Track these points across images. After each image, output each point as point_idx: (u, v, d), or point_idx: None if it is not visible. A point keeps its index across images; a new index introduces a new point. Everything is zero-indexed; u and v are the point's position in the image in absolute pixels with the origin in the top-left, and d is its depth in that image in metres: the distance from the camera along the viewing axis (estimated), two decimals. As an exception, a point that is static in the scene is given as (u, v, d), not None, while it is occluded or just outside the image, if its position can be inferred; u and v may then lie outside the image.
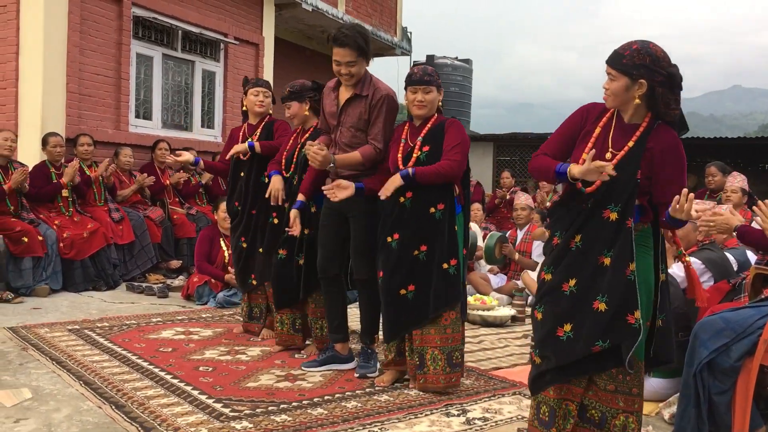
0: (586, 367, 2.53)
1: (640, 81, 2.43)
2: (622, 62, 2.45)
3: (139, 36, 7.98)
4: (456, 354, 3.52)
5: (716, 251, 3.89)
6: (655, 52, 2.44)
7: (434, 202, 3.46)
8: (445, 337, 3.49)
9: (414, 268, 3.48)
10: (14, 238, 5.77)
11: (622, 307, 2.46)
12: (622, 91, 2.47)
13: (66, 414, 3.04)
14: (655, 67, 2.42)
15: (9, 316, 4.99)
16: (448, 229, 3.46)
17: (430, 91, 3.50)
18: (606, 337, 2.45)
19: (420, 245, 3.47)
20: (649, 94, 2.46)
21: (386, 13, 13.08)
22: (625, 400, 2.54)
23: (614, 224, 2.49)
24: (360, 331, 4.02)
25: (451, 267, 3.46)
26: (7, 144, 5.97)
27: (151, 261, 6.89)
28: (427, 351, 3.48)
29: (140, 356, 4.03)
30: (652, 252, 2.58)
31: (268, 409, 3.18)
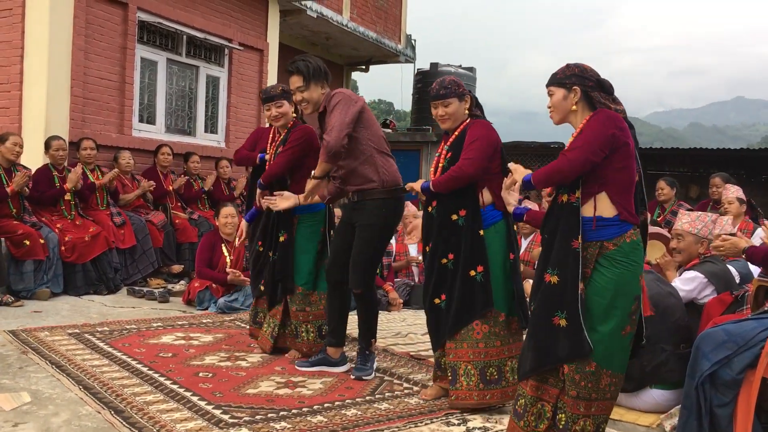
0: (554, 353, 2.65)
1: (574, 88, 2.70)
2: (557, 78, 2.76)
3: (143, 40, 7.99)
4: (491, 370, 3.34)
5: (718, 264, 3.88)
6: (583, 65, 2.76)
7: (455, 209, 3.41)
8: (477, 352, 3.34)
9: (444, 278, 3.43)
10: (16, 241, 5.77)
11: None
12: (561, 101, 2.73)
13: (65, 418, 3.03)
14: (583, 75, 2.71)
15: (9, 320, 4.99)
16: (471, 235, 3.38)
17: (450, 103, 3.46)
18: (562, 309, 2.65)
19: (447, 254, 3.42)
20: (586, 98, 2.70)
21: (391, 20, 13.12)
22: (586, 405, 2.63)
23: (563, 204, 2.74)
24: (358, 336, 4.02)
25: (478, 274, 3.35)
26: (15, 149, 5.98)
27: (153, 265, 6.89)
28: (460, 366, 3.36)
29: (140, 361, 4.02)
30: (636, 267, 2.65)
31: (267, 416, 3.17)
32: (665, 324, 3.43)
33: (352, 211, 3.91)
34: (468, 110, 3.52)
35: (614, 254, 2.61)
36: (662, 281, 3.68)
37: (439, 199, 3.45)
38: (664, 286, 3.61)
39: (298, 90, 3.86)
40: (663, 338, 3.40)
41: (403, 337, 5.11)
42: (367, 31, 11.99)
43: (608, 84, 2.73)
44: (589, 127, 2.63)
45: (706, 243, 4.00)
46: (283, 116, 4.32)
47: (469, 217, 3.39)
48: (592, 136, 2.59)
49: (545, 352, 2.66)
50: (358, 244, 3.85)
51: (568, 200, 2.68)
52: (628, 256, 2.62)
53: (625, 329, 2.63)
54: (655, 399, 3.43)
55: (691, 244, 4.02)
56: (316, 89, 3.86)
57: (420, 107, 14.66)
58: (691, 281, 3.79)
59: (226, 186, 8.27)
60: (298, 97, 3.87)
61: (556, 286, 2.64)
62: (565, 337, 2.60)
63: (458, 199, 3.40)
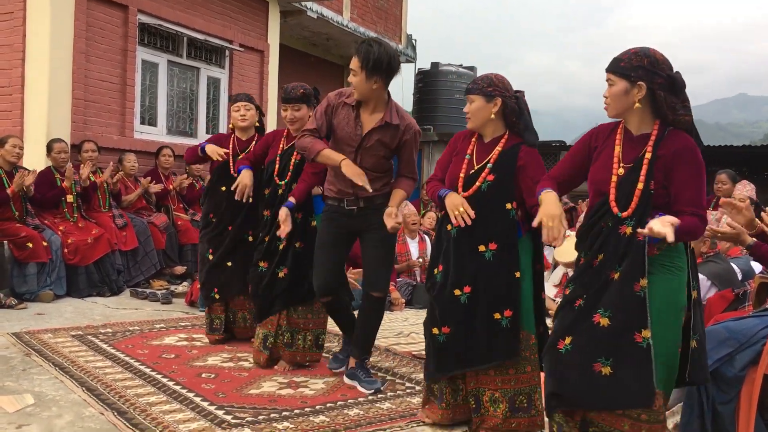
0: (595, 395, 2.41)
1: (639, 83, 2.39)
2: (620, 66, 2.42)
3: (144, 43, 8.01)
4: (521, 398, 2.99)
5: (721, 263, 3.87)
6: (654, 54, 2.41)
7: (485, 240, 2.97)
8: (506, 379, 2.99)
9: (453, 310, 3.02)
10: (19, 243, 5.79)
11: (627, 324, 2.36)
12: (621, 95, 2.43)
13: (68, 420, 3.04)
14: (654, 69, 2.38)
15: (13, 322, 5.00)
16: (503, 276, 2.96)
17: (473, 100, 3.05)
18: (609, 354, 2.37)
19: (463, 286, 2.99)
20: (651, 98, 2.41)
21: (391, 20, 13.12)
22: (632, 425, 2.41)
23: (627, 238, 2.40)
24: (353, 343, 3.80)
25: (504, 319, 2.94)
26: (15, 151, 6.00)
27: (155, 267, 6.90)
28: (484, 393, 3.01)
29: (143, 362, 4.02)
30: (683, 273, 2.44)
31: (270, 416, 3.18)
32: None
33: (353, 219, 3.62)
34: (496, 115, 3.04)
35: (660, 259, 2.40)
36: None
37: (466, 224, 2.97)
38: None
39: (352, 73, 3.44)
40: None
41: (405, 337, 5.12)
42: (368, 31, 11.99)
43: (680, 82, 2.40)
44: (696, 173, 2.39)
45: (708, 242, 4.00)
46: (298, 121, 4.03)
47: (501, 253, 2.96)
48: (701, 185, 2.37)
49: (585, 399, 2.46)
50: (379, 247, 3.64)
51: (633, 236, 2.38)
52: (674, 261, 2.42)
53: (679, 343, 2.44)
54: (658, 397, 3.43)
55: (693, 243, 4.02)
56: (369, 81, 3.41)
57: (421, 107, 14.67)
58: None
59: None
60: (350, 79, 3.47)
61: (606, 329, 2.39)
62: (609, 386, 2.38)
63: (491, 229, 2.97)
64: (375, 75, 3.40)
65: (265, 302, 4.04)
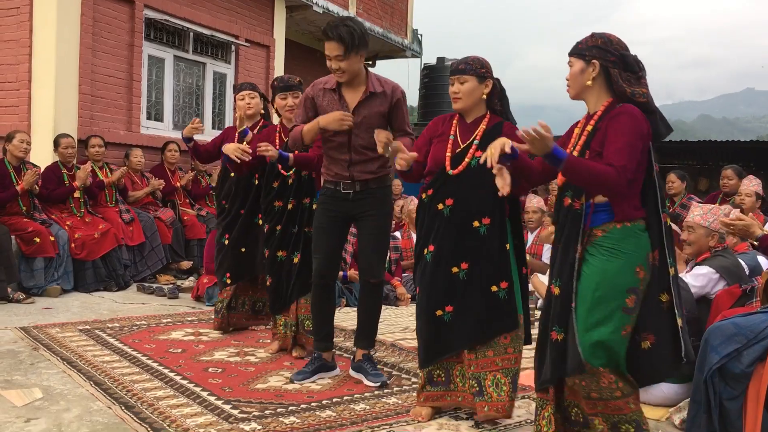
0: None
1: (593, 61, 2.53)
2: (578, 47, 2.58)
3: (150, 38, 8.02)
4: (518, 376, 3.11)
5: (729, 257, 3.85)
6: (608, 36, 2.56)
7: (479, 216, 3.04)
8: (506, 358, 3.05)
9: (453, 288, 3.07)
10: (26, 238, 5.81)
11: (568, 294, 2.53)
12: (578, 75, 2.57)
13: (76, 414, 3.06)
14: (606, 48, 2.51)
15: (20, 316, 5.03)
16: (496, 249, 3.04)
17: (465, 81, 3.08)
18: (560, 323, 2.56)
19: (460, 262, 3.06)
20: (606, 75, 2.53)
21: (397, 15, 13.10)
22: (589, 404, 2.57)
23: (566, 209, 2.59)
24: (357, 335, 3.81)
25: (501, 290, 3.03)
26: (23, 146, 6.02)
27: (162, 262, 6.93)
28: (486, 376, 3.04)
29: (150, 357, 4.04)
30: (629, 257, 2.47)
31: (276, 410, 3.19)
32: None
33: (350, 203, 3.63)
34: (486, 97, 3.13)
35: (602, 241, 2.48)
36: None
37: (457, 199, 3.06)
38: (674, 279, 3.60)
39: (336, 58, 3.43)
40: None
41: (411, 332, 5.12)
42: (374, 26, 11.97)
43: (633, 60, 2.50)
44: (621, 131, 2.44)
45: (717, 236, 3.99)
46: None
47: (494, 228, 3.03)
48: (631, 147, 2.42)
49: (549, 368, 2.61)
50: (374, 233, 3.67)
51: (572, 205, 2.57)
52: (619, 244, 2.46)
53: (626, 329, 2.48)
54: (664, 392, 3.43)
55: (701, 236, 4.00)
56: (355, 59, 3.47)
57: (427, 102, 14.65)
58: (702, 277, 3.77)
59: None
60: (334, 66, 3.45)
61: (558, 297, 2.58)
62: (559, 351, 2.56)
63: (484, 205, 3.03)
64: (360, 50, 3.48)
65: (286, 291, 4.17)
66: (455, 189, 3.07)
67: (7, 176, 5.93)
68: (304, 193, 4.18)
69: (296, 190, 4.14)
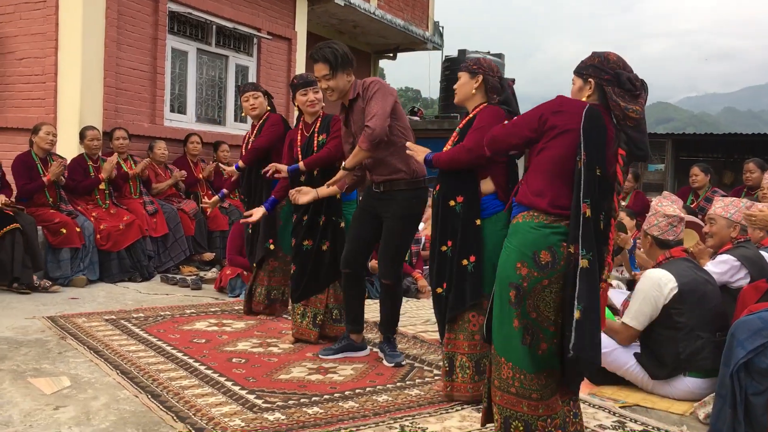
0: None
1: (589, 80, 2.59)
2: (578, 66, 2.67)
3: (174, 31, 8.07)
4: (485, 362, 3.11)
5: (751, 248, 3.82)
6: (607, 55, 2.62)
7: (453, 195, 3.29)
8: (473, 344, 3.27)
9: (443, 266, 3.32)
10: (53, 229, 5.90)
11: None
12: (577, 92, 2.65)
13: (104, 402, 3.11)
14: (602, 66, 2.57)
15: (48, 306, 5.11)
16: (466, 224, 3.26)
17: (459, 77, 3.40)
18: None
19: (446, 241, 3.30)
20: (601, 93, 2.57)
21: (418, 7, 13.05)
22: (492, 390, 2.62)
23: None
24: (379, 323, 4.07)
25: (470, 264, 3.23)
26: (49, 138, 6.10)
27: (185, 253, 6.99)
28: (457, 357, 3.29)
29: (175, 347, 4.09)
30: (509, 250, 2.55)
31: (300, 401, 3.22)
32: (701, 311, 3.39)
33: (376, 201, 3.90)
34: (477, 90, 3.34)
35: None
36: (699, 268, 3.64)
37: (440, 183, 3.34)
38: (701, 273, 3.57)
39: (324, 78, 3.78)
40: (699, 325, 3.38)
41: (433, 324, 5.11)
42: (395, 18, 11.95)
43: (627, 78, 2.52)
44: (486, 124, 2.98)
45: (738, 228, 3.95)
46: (319, 102, 4.37)
47: (466, 205, 3.26)
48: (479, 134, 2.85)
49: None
50: (387, 236, 3.88)
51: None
52: (509, 238, 2.59)
53: (513, 322, 2.49)
54: (689, 387, 3.41)
55: (723, 228, 3.98)
56: (342, 77, 3.79)
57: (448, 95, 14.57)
58: (724, 264, 3.74)
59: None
60: (324, 85, 3.81)
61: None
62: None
63: (456, 184, 3.29)
64: (346, 69, 3.80)
65: (312, 279, 4.28)
66: (441, 174, 3.39)
67: (34, 168, 6.02)
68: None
69: (321, 183, 4.17)
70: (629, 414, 3.23)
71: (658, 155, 13.64)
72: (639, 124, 2.50)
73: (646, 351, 3.52)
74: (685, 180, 9.87)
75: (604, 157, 2.48)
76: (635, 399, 3.44)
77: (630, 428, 3.04)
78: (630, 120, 2.49)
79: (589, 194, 2.41)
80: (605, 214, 2.49)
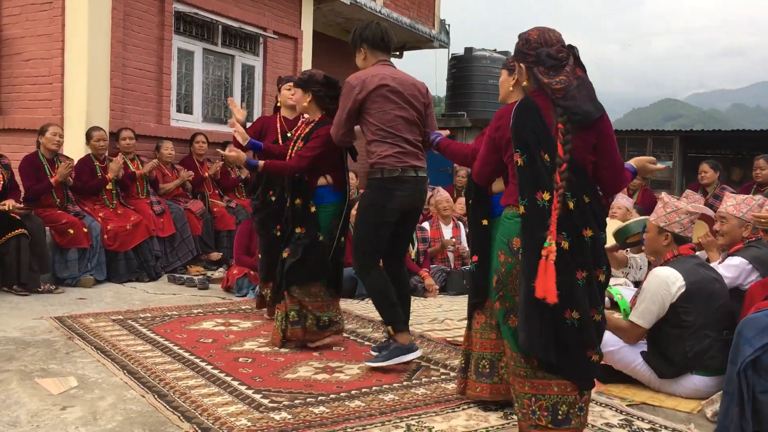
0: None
1: (520, 65, 2.63)
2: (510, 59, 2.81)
3: (180, 31, 8.08)
4: (483, 362, 3.21)
5: (763, 248, 3.79)
6: (528, 36, 2.61)
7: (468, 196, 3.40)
8: (475, 342, 3.27)
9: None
10: (60, 230, 5.93)
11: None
12: (501, 85, 2.89)
13: (110, 402, 3.12)
14: (525, 49, 2.59)
15: (55, 306, 5.13)
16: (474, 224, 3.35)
17: (501, 74, 3.22)
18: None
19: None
20: (532, 75, 2.57)
21: (424, 5, 13.03)
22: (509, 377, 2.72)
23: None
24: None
25: (472, 264, 3.33)
26: (56, 139, 6.13)
27: (192, 253, 7.01)
28: (472, 355, 3.28)
29: (182, 347, 4.10)
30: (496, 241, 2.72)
31: (306, 400, 3.22)
32: (709, 309, 3.37)
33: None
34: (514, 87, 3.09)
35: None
36: (706, 266, 3.61)
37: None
38: (708, 271, 3.55)
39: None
40: (706, 324, 3.36)
41: (440, 323, 5.12)
42: (401, 17, 11.93)
43: (547, 55, 2.51)
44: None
45: (750, 227, 3.93)
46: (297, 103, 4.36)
47: (475, 206, 3.30)
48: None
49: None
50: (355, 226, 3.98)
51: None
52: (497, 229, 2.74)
53: (496, 305, 2.68)
54: (696, 385, 3.39)
55: (734, 227, 3.95)
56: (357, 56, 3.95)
57: (454, 93, 14.57)
58: (735, 268, 3.72)
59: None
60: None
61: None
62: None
63: (469, 187, 3.35)
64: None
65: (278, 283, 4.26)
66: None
67: (42, 169, 6.04)
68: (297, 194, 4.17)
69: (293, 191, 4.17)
70: (636, 412, 3.21)
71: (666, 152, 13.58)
72: (567, 92, 2.49)
73: (653, 349, 3.50)
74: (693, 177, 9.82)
75: (551, 142, 2.48)
76: (642, 397, 3.42)
77: (637, 426, 3.02)
78: (557, 92, 2.49)
79: (536, 186, 2.47)
80: (572, 195, 2.46)
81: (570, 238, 2.44)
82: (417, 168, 3.82)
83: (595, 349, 2.53)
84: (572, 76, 2.50)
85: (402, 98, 3.78)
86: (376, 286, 3.86)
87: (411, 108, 3.82)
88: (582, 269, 2.47)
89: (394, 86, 3.77)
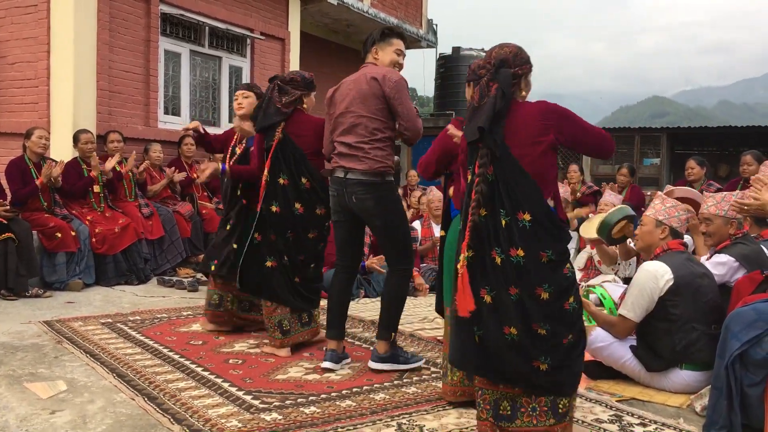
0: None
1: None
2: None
3: (166, 33, 8.05)
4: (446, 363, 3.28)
5: (750, 244, 3.81)
6: (477, 62, 2.75)
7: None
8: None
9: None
10: (48, 233, 5.89)
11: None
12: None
13: (100, 406, 3.10)
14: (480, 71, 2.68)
15: (44, 310, 5.10)
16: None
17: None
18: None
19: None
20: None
21: (412, 5, 13.04)
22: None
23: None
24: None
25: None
26: (41, 142, 6.09)
27: (181, 255, 6.99)
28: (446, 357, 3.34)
29: (171, 349, 4.09)
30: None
31: (297, 401, 3.21)
32: (696, 303, 3.39)
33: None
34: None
35: None
36: (694, 261, 3.64)
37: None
38: (696, 266, 3.57)
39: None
40: (694, 318, 3.38)
41: (430, 322, 5.13)
42: (389, 17, 11.93)
43: (499, 65, 2.60)
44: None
45: (735, 223, 3.95)
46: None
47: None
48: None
49: None
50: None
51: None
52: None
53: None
54: (685, 380, 3.41)
55: (720, 226, 3.97)
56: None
57: (443, 92, 14.60)
58: (722, 266, 3.75)
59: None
60: (402, 61, 3.99)
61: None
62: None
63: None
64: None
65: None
66: None
67: (28, 172, 6.01)
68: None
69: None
70: (626, 408, 3.23)
71: (653, 149, 13.66)
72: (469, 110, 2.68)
73: (642, 343, 3.52)
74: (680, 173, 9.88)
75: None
76: (632, 393, 3.44)
77: (627, 422, 3.04)
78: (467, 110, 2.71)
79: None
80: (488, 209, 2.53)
81: (483, 256, 2.54)
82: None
83: (540, 359, 2.52)
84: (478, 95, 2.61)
85: (330, 102, 3.82)
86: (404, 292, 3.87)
87: (341, 107, 3.73)
88: (514, 287, 2.50)
89: (332, 94, 3.82)
